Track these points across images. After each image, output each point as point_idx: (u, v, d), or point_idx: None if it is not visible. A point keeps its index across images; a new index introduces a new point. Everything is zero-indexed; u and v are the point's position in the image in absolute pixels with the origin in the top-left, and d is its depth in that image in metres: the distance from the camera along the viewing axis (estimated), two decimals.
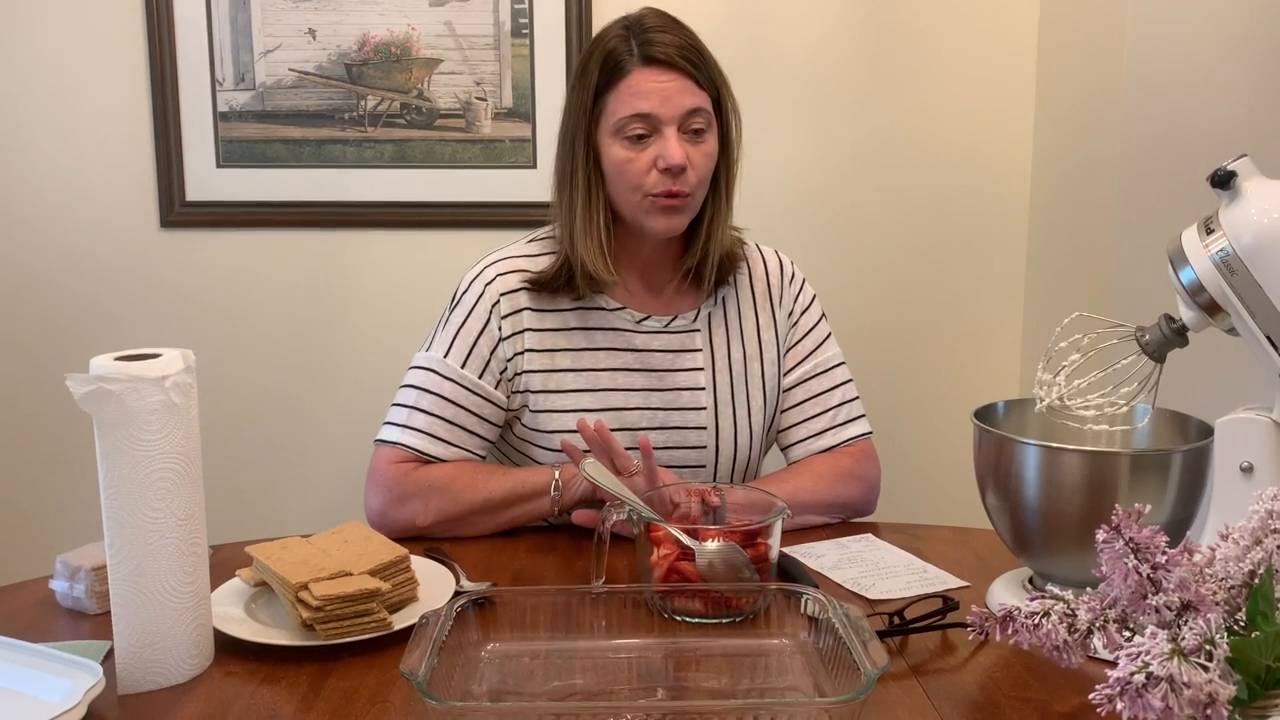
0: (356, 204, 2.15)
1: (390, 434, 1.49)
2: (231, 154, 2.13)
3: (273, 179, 2.14)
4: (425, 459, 1.47)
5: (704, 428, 1.54)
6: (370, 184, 2.15)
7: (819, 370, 1.59)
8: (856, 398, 1.60)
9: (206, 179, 2.13)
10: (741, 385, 1.56)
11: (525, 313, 1.50)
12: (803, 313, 1.60)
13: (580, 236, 1.47)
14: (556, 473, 1.44)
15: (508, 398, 1.51)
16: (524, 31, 2.11)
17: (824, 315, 1.62)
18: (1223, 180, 1.08)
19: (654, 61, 1.41)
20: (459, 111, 2.14)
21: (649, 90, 1.40)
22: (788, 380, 1.59)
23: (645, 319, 1.54)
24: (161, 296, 2.17)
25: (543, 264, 1.52)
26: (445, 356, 1.49)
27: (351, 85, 2.12)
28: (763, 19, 2.14)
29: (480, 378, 1.49)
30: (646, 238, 1.50)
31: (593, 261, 1.46)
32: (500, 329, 1.49)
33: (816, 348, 1.60)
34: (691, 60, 1.42)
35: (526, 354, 1.50)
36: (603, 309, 1.52)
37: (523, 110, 2.13)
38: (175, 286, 2.17)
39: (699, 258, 1.51)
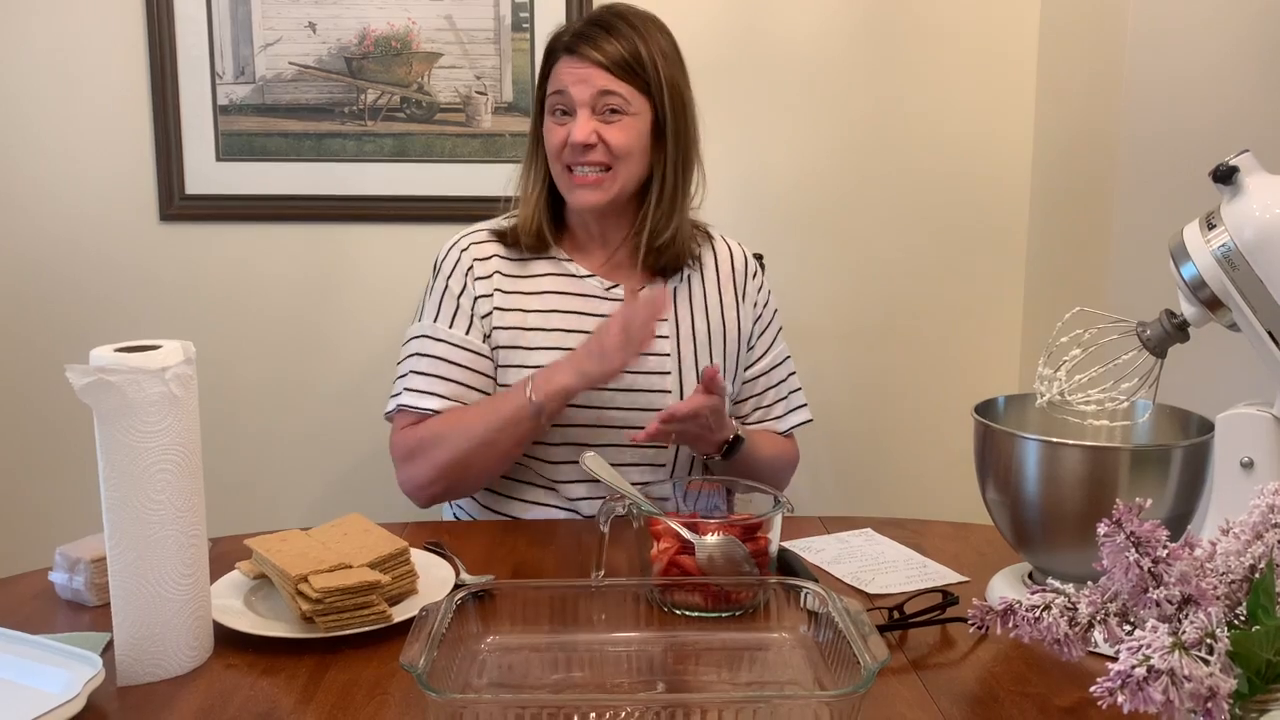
0: (356, 198, 2.15)
1: (392, 403, 1.58)
2: (231, 147, 2.13)
3: (272, 172, 2.14)
4: (426, 415, 1.54)
5: (668, 391, 1.60)
6: (370, 178, 2.15)
7: (775, 363, 1.73)
8: (800, 387, 1.76)
9: (206, 172, 2.13)
10: (706, 355, 1.64)
11: (496, 275, 1.60)
12: (764, 307, 1.72)
13: (524, 201, 1.62)
14: (529, 391, 1.47)
15: (492, 351, 1.59)
16: (524, 26, 2.11)
17: (776, 310, 1.76)
18: (1225, 175, 1.08)
19: (573, 53, 1.54)
20: (459, 106, 2.13)
21: (564, 74, 1.54)
22: (751, 371, 1.70)
23: (614, 287, 1.62)
24: (161, 289, 2.17)
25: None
26: (435, 321, 1.59)
27: (351, 79, 2.12)
28: (759, 10, 2.13)
29: (468, 333, 1.58)
30: (586, 214, 1.60)
31: (524, 224, 1.60)
32: (475, 288, 1.59)
33: (773, 342, 1.73)
34: (615, 62, 1.52)
35: (495, 313, 1.58)
36: (573, 275, 1.62)
37: (523, 105, 2.13)
38: (175, 280, 2.17)
39: (634, 243, 1.61)
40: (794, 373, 1.75)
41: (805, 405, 1.75)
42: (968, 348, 2.27)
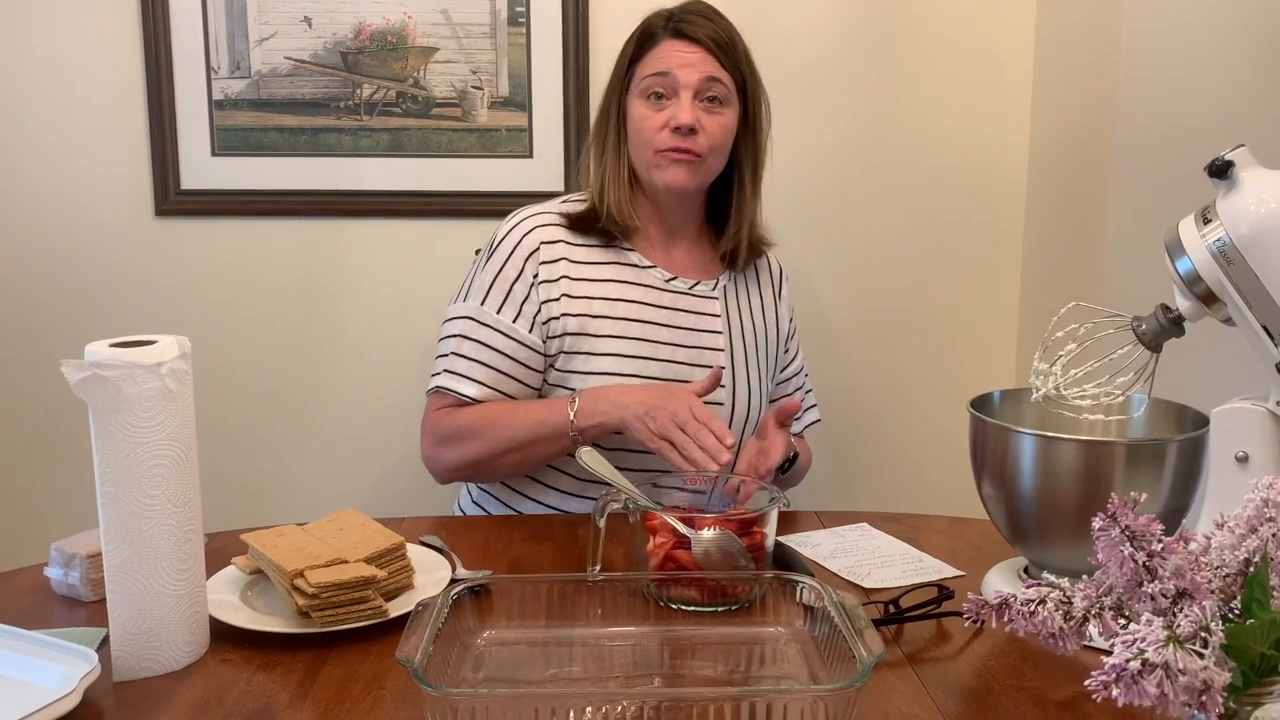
0: (352, 193, 2.15)
1: (431, 384, 1.57)
2: (227, 142, 2.12)
3: (268, 167, 2.13)
4: (464, 400, 1.53)
5: (723, 385, 1.61)
6: (366, 173, 2.14)
7: (801, 365, 1.81)
8: (812, 389, 1.83)
9: (202, 167, 2.12)
10: (754, 351, 1.68)
11: (563, 262, 1.58)
12: (793, 310, 1.79)
13: (610, 184, 1.59)
14: (572, 413, 1.47)
15: (544, 342, 1.56)
16: (521, 20, 2.11)
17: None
18: (1220, 170, 1.08)
19: (681, 35, 1.55)
20: (455, 100, 2.13)
21: (671, 56, 1.54)
22: (785, 373, 1.77)
23: (673, 279, 1.63)
24: (156, 285, 2.16)
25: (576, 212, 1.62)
26: (482, 304, 1.56)
27: (347, 73, 2.11)
28: (756, 8, 2.13)
29: (515, 322, 1.55)
30: (662, 201, 1.60)
31: (617, 205, 1.57)
32: (537, 274, 1.56)
33: (798, 347, 1.81)
34: (718, 43, 1.54)
35: (563, 299, 1.56)
36: (636, 265, 1.62)
37: (519, 99, 2.13)
38: (170, 275, 2.16)
39: (734, 242, 1.64)
40: (808, 374, 1.81)
41: (815, 405, 1.80)
42: (963, 343, 2.27)
